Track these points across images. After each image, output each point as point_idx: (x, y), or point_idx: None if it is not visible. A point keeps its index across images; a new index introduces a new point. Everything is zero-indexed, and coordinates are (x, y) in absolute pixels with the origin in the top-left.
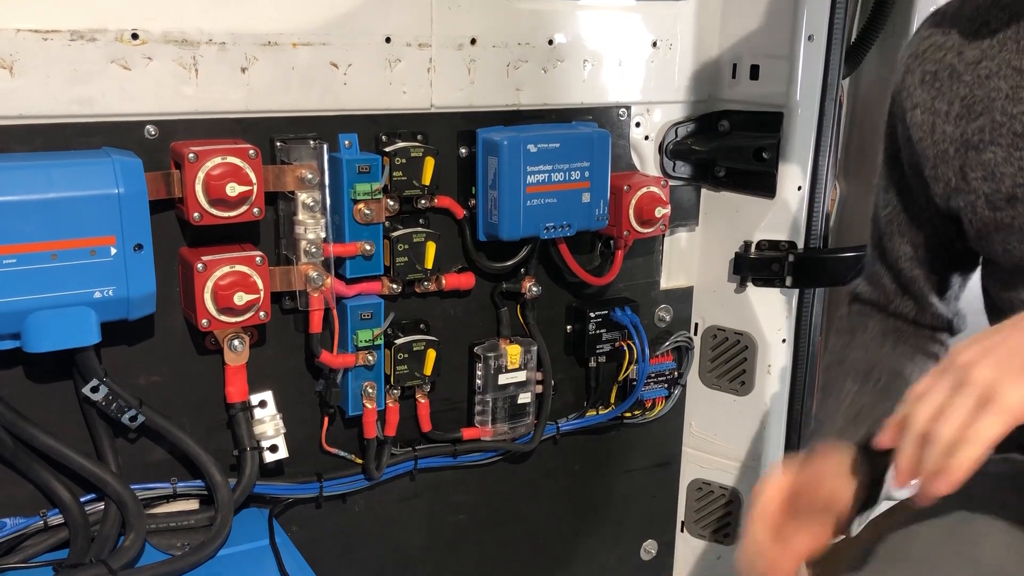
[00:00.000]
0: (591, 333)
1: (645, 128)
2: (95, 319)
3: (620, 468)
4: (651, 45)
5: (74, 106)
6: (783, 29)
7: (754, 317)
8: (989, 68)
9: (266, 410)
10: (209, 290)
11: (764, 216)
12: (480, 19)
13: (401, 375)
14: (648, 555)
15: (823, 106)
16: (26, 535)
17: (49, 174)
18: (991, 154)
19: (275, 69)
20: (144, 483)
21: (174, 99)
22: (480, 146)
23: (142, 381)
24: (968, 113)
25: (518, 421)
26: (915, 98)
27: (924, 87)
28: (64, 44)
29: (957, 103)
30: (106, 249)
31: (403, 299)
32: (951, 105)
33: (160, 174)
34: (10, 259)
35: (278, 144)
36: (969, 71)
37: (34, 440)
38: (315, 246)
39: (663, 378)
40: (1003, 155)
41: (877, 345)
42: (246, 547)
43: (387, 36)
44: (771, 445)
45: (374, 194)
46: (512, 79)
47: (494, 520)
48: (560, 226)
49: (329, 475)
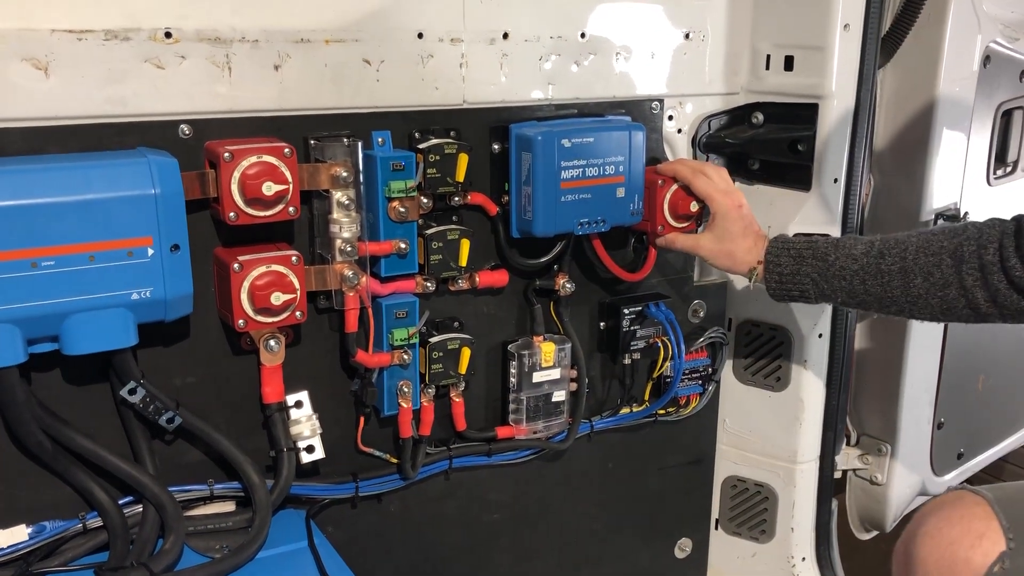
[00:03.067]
0: (625, 330)
1: (678, 121)
2: (132, 321)
3: (654, 465)
4: (683, 37)
5: (108, 106)
6: (818, 19)
7: (789, 312)
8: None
9: (302, 410)
10: (246, 290)
11: (799, 209)
12: (512, 13)
13: (436, 374)
14: (683, 553)
15: (859, 97)
16: (65, 538)
17: (86, 175)
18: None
19: (308, 66)
20: (181, 485)
21: (208, 98)
22: (513, 142)
23: (178, 382)
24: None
25: (552, 419)
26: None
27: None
28: (98, 44)
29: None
30: (143, 250)
31: (437, 297)
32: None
33: (195, 174)
34: (49, 261)
35: (312, 142)
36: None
37: (72, 443)
38: (350, 245)
39: (697, 375)
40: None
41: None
42: (285, 549)
43: (419, 32)
44: (807, 442)
45: (408, 191)
46: (544, 73)
47: (528, 519)
48: (594, 222)
49: (364, 475)
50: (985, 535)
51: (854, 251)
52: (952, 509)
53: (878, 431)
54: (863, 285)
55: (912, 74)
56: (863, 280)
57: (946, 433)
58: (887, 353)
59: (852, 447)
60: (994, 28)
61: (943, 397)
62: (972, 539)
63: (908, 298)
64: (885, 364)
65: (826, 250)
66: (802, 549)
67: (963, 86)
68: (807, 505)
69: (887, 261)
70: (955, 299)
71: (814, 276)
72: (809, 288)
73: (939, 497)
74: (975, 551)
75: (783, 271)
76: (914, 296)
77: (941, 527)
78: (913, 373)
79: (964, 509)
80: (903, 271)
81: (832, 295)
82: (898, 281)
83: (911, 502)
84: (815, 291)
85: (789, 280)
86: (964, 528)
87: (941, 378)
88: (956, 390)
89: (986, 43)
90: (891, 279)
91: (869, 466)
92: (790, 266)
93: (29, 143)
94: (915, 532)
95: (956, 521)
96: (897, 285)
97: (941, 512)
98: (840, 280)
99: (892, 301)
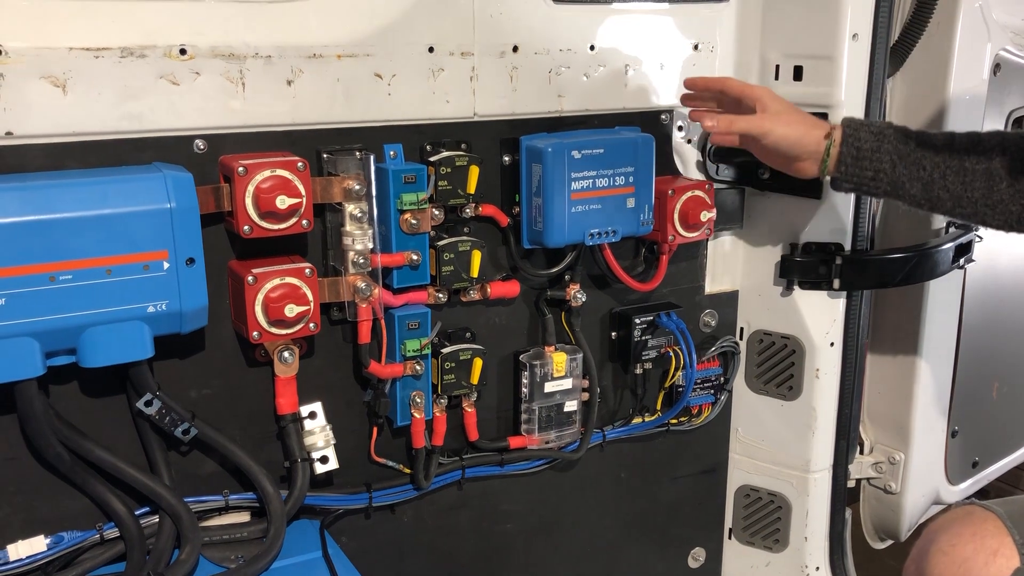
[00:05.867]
0: (637, 339)
1: (688, 131)
2: (149, 333)
3: (667, 475)
4: (692, 48)
5: (125, 122)
6: (827, 28)
7: (801, 321)
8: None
9: (316, 421)
10: (260, 302)
11: (810, 218)
12: (522, 26)
13: (448, 384)
14: (696, 562)
15: (869, 106)
16: (83, 548)
17: (103, 190)
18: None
19: (320, 81)
20: (197, 496)
21: (222, 113)
22: (523, 153)
23: (193, 394)
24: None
25: (564, 429)
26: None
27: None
28: (115, 61)
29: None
30: (159, 264)
31: (449, 308)
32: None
33: (210, 188)
34: (66, 275)
35: (325, 156)
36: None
37: (90, 454)
38: (363, 257)
39: (709, 384)
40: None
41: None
42: (299, 559)
43: (430, 46)
44: (820, 450)
45: (420, 204)
46: (554, 85)
47: (541, 529)
48: (605, 232)
49: (378, 485)
50: (999, 552)
51: (935, 141)
52: (963, 526)
53: (891, 440)
54: (943, 179)
55: (922, 83)
56: (943, 174)
57: (961, 441)
58: (900, 361)
59: (865, 456)
60: (1004, 36)
61: (957, 405)
62: (986, 556)
63: (988, 202)
64: (898, 372)
65: (907, 133)
66: (816, 558)
67: (973, 94)
68: (821, 514)
69: (971, 159)
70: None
71: (893, 158)
72: (886, 169)
73: (947, 513)
74: (989, 568)
75: (862, 145)
76: (995, 200)
77: (954, 544)
78: (926, 380)
79: (975, 525)
80: (988, 172)
81: (908, 183)
82: (981, 182)
83: (926, 511)
84: (890, 175)
85: (867, 157)
86: (977, 545)
87: (955, 385)
88: (970, 397)
89: (996, 51)
90: (974, 179)
91: (883, 475)
92: (870, 141)
93: (48, 159)
94: (927, 549)
95: (968, 538)
96: (980, 186)
97: (952, 528)
98: (919, 169)
99: (970, 202)
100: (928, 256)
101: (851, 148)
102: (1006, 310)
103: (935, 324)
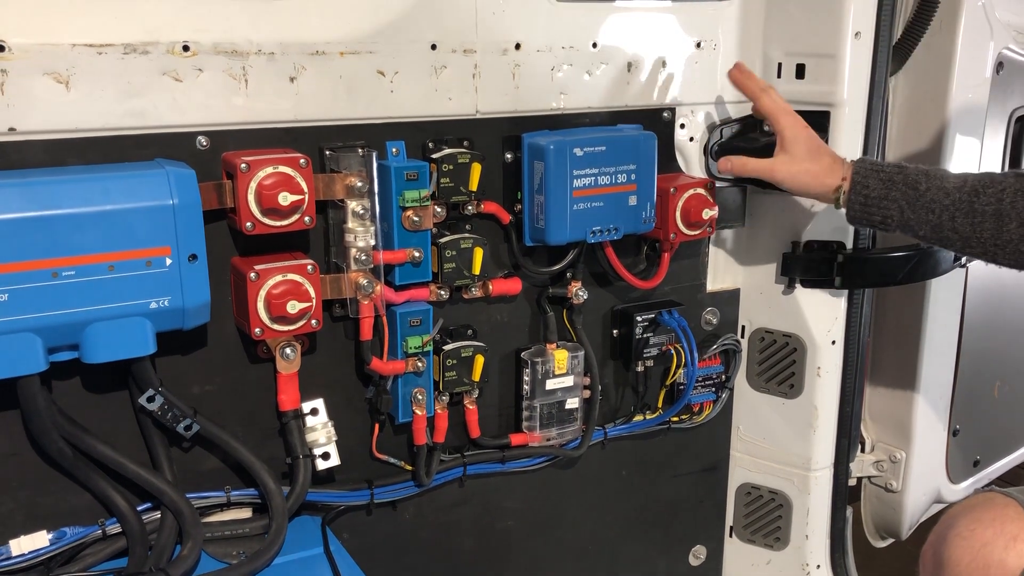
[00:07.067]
0: (638, 337)
1: (690, 129)
2: (151, 329)
3: (668, 473)
4: (695, 46)
5: (128, 119)
6: (829, 27)
7: (803, 319)
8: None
9: (318, 418)
10: (262, 299)
11: (812, 216)
12: (524, 24)
13: (450, 381)
14: (697, 560)
15: (871, 104)
16: (85, 544)
17: (105, 187)
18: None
19: (323, 78)
20: (198, 492)
21: (225, 110)
22: (525, 151)
23: (195, 390)
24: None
25: (566, 426)
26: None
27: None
28: (118, 57)
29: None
30: (161, 260)
31: (451, 305)
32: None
33: (212, 184)
34: (69, 271)
35: (327, 153)
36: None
37: (92, 450)
38: (365, 254)
39: (711, 382)
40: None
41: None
42: (301, 555)
43: (433, 43)
44: (821, 448)
45: (422, 201)
46: (556, 83)
47: (542, 526)
48: (607, 230)
49: (379, 482)
50: (1019, 537)
51: (946, 184)
52: (984, 511)
53: (893, 438)
54: (952, 222)
55: (924, 81)
56: (952, 217)
57: (962, 440)
58: (901, 359)
59: (867, 454)
60: (1007, 34)
61: (958, 404)
62: (1006, 541)
63: (998, 242)
64: (899, 370)
65: (917, 178)
66: (817, 556)
67: (976, 93)
68: (822, 512)
69: (982, 200)
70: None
71: (902, 204)
72: (894, 215)
73: (968, 499)
74: (1009, 553)
75: (870, 193)
76: (1005, 240)
77: (974, 528)
78: (928, 379)
79: (996, 511)
80: (998, 214)
81: (916, 226)
82: (991, 223)
83: (927, 510)
84: (899, 219)
85: (875, 204)
86: (997, 530)
87: (956, 384)
88: (972, 397)
89: (999, 49)
90: (984, 220)
91: (884, 473)
92: (878, 189)
93: (50, 155)
94: (945, 534)
95: (988, 523)
96: (989, 227)
97: (972, 514)
98: (928, 213)
99: (979, 243)
100: (930, 255)
101: (859, 196)
102: (1008, 309)
103: (936, 323)
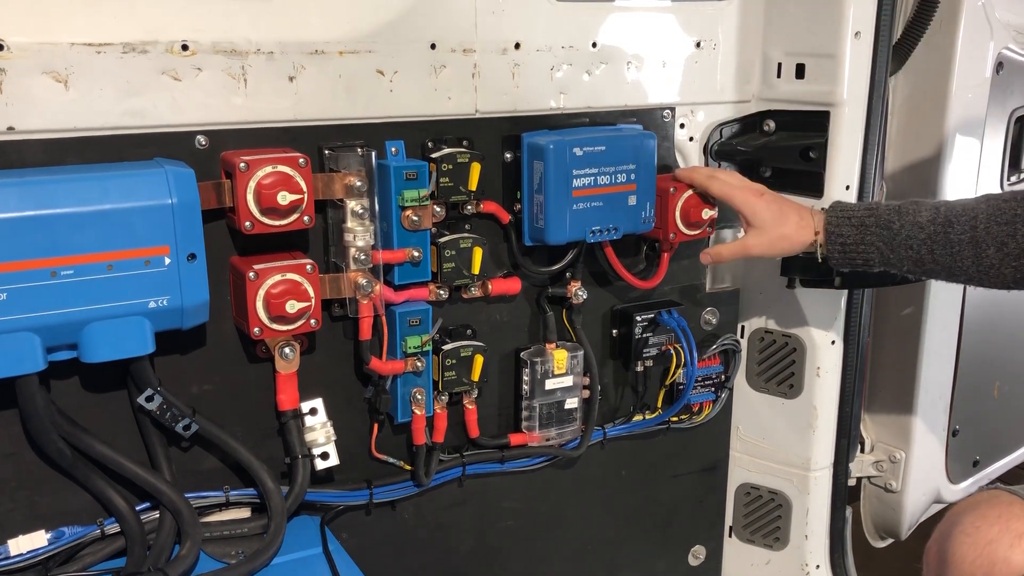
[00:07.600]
0: (638, 337)
1: (689, 129)
2: (150, 329)
3: (667, 473)
4: (695, 46)
5: (126, 118)
6: (829, 27)
7: (803, 319)
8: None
9: (317, 417)
10: (261, 299)
11: None
12: (524, 23)
13: (449, 381)
14: (696, 560)
15: (871, 104)
16: (84, 544)
17: (104, 186)
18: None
19: (322, 77)
20: (197, 491)
21: (224, 109)
22: (525, 150)
23: (194, 390)
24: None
25: (565, 426)
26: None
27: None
28: (116, 57)
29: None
30: (160, 259)
31: (450, 305)
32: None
33: (211, 184)
34: (68, 270)
35: (326, 152)
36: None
37: (91, 450)
38: (364, 253)
39: (710, 382)
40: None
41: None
42: (300, 555)
43: (432, 43)
44: (821, 449)
45: (422, 200)
46: (556, 83)
47: (541, 526)
48: (607, 229)
49: (379, 482)
50: None
51: (919, 218)
52: (988, 508)
53: (892, 438)
54: (931, 255)
55: (924, 81)
56: (931, 249)
57: (961, 440)
58: (901, 360)
59: (866, 454)
60: (1007, 34)
61: (958, 404)
62: (1011, 538)
63: (979, 268)
64: (899, 371)
65: (889, 217)
66: (816, 556)
67: (976, 93)
68: (821, 512)
69: (956, 230)
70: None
71: (879, 245)
72: (874, 257)
73: (972, 496)
74: (1015, 550)
75: (846, 241)
76: (986, 267)
77: (979, 525)
78: (927, 380)
79: (1001, 508)
80: (974, 241)
81: (898, 264)
82: (969, 251)
83: (926, 510)
84: (880, 259)
85: (853, 250)
86: (1002, 527)
87: (956, 385)
88: (971, 397)
89: (999, 49)
90: (961, 249)
91: (884, 473)
92: (853, 236)
93: (49, 154)
94: (949, 531)
95: (994, 520)
96: (968, 255)
97: (977, 511)
98: (906, 250)
99: (963, 271)
100: None
101: (836, 245)
102: (1007, 309)
103: (936, 323)
